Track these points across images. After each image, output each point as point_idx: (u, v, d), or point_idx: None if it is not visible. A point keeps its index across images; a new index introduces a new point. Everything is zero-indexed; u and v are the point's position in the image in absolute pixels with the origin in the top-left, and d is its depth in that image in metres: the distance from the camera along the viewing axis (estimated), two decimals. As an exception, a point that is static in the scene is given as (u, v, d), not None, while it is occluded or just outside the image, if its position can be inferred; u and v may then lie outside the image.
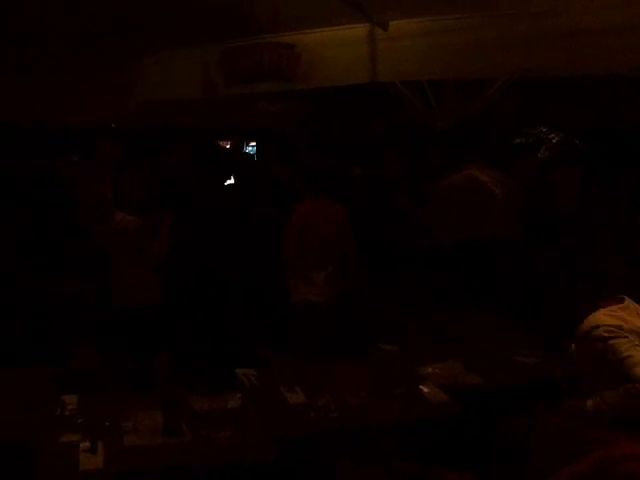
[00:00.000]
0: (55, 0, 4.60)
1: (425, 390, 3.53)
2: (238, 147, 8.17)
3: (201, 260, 4.68)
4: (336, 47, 5.08)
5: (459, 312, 4.53)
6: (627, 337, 3.02)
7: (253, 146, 9.48)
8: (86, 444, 2.91)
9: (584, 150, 7.40)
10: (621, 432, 2.76)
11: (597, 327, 3.07)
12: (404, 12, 4.82)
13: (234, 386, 3.61)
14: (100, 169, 5.74)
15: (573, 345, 3.28)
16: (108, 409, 3.25)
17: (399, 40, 4.89)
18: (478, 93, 5.96)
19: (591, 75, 4.71)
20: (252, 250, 4.76)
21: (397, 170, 6.54)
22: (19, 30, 5.08)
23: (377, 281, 5.17)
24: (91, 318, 4.82)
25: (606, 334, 3.04)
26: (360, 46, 4.99)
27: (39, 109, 6.12)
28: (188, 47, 5.52)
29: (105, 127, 6.92)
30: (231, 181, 5.84)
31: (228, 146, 7.72)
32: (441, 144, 6.12)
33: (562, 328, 3.50)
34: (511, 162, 6.20)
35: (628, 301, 3.18)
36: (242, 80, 5.41)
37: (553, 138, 8.18)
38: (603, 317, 3.10)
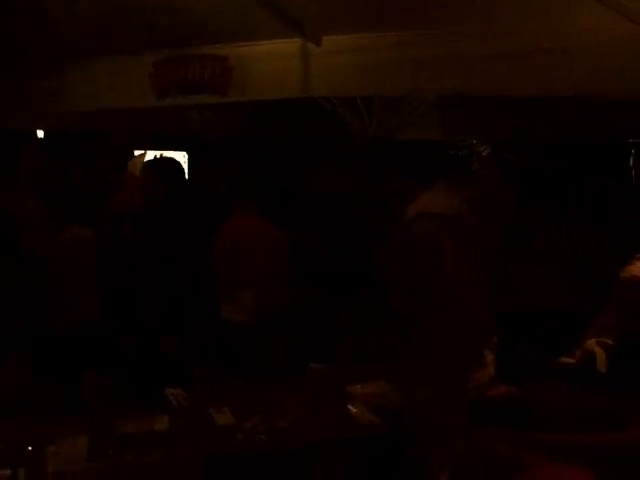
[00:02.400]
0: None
1: (354, 410, 3.54)
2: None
3: (131, 275, 4.61)
4: (269, 61, 5.05)
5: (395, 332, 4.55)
6: None
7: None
8: (6, 472, 2.83)
9: (515, 163, 7.53)
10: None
11: None
12: (337, 28, 4.83)
13: (162, 406, 3.57)
14: (22, 182, 5.56)
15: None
16: (32, 433, 3.17)
17: (332, 55, 4.89)
18: (408, 104, 6.03)
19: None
20: (184, 265, 4.71)
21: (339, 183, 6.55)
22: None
23: (312, 299, 5.16)
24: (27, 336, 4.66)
25: None
26: (293, 60, 4.98)
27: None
28: (119, 57, 5.44)
29: (30, 135, 6.77)
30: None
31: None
32: (371, 155, 6.15)
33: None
34: (444, 175, 6.25)
35: None
36: (174, 92, 5.34)
37: (484, 150, 8.31)
38: None
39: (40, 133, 7.74)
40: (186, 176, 6.26)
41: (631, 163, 8.06)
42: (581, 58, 4.05)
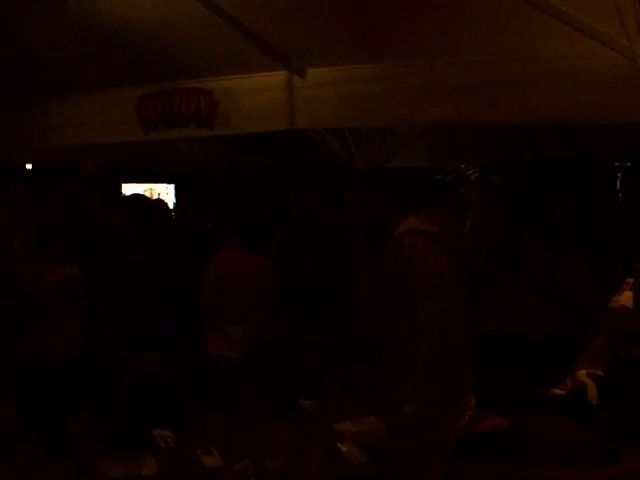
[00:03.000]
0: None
1: (343, 449, 3.50)
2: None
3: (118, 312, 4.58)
4: (254, 94, 5.05)
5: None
6: None
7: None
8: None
9: (504, 187, 7.54)
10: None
11: None
12: (322, 60, 4.83)
13: (149, 447, 3.53)
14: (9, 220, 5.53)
15: None
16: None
17: (317, 88, 4.89)
18: (395, 134, 6.04)
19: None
20: (172, 301, 4.68)
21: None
22: None
23: (299, 331, 5.13)
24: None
25: None
26: (278, 93, 4.97)
27: None
28: (104, 91, 5.44)
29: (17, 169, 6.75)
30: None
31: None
32: (360, 184, 6.15)
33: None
34: (433, 200, 6.23)
35: None
36: (161, 126, 5.33)
37: (472, 174, 8.32)
38: None
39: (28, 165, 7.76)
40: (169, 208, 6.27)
41: (618, 186, 8.09)
42: (559, 85, 4.09)
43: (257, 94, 5.03)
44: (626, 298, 3.97)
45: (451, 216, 4.68)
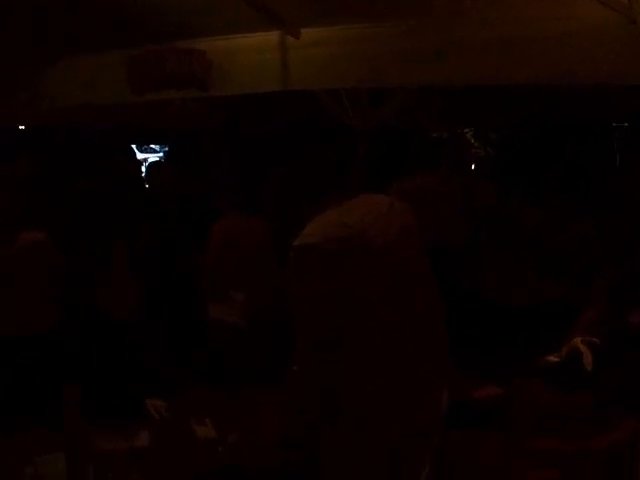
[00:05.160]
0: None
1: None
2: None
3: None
4: (247, 54, 5.03)
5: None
6: None
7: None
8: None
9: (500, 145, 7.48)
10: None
11: None
12: (316, 20, 4.77)
13: (142, 418, 3.53)
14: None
15: None
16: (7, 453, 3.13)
17: (311, 48, 4.86)
18: (392, 94, 5.98)
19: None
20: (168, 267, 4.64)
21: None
22: None
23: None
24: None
25: None
26: (271, 53, 4.95)
27: None
28: (96, 53, 5.36)
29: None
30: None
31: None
32: (360, 147, 6.12)
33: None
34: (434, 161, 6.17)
35: None
36: (152, 87, 5.27)
37: (468, 132, 8.29)
38: None
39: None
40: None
41: (615, 147, 8.01)
42: (557, 46, 4.05)
43: (250, 54, 5.01)
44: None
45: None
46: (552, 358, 3.88)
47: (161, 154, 9.95)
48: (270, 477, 2.60)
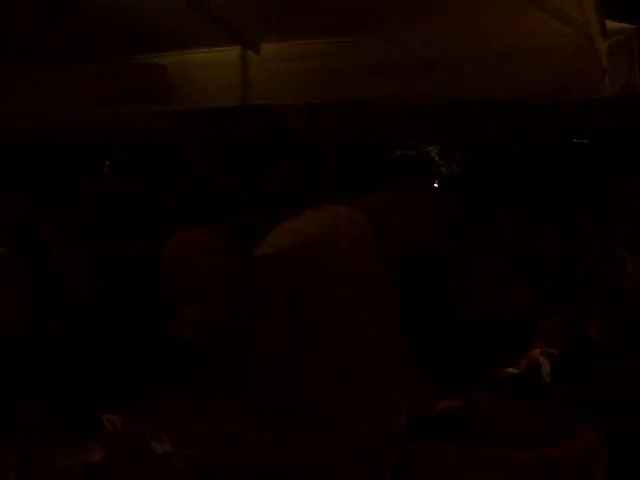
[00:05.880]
0: None
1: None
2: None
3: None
4: (208, 69, 5.00)
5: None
6: None
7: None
8: None
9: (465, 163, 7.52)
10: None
11: None
12: (276, 35, 4.78)
13: (98, 432, 3.47)
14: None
15: None
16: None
17: (271, 63, 4.86)
18: (355, 110, 6.00)
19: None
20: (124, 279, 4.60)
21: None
22: None
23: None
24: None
25: None
26: (232, 69, 4.93)
27: None
28: (56, 67, 5.31)
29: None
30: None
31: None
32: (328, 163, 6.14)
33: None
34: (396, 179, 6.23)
35: None
36: (112, 101, 5.23)
37: (432, 150, 8.34)
38: None
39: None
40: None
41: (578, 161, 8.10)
42: (515, 61, 4.10)
43: (210, 69, 4.98)
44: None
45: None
46: (512, 370, 3.90)
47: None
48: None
